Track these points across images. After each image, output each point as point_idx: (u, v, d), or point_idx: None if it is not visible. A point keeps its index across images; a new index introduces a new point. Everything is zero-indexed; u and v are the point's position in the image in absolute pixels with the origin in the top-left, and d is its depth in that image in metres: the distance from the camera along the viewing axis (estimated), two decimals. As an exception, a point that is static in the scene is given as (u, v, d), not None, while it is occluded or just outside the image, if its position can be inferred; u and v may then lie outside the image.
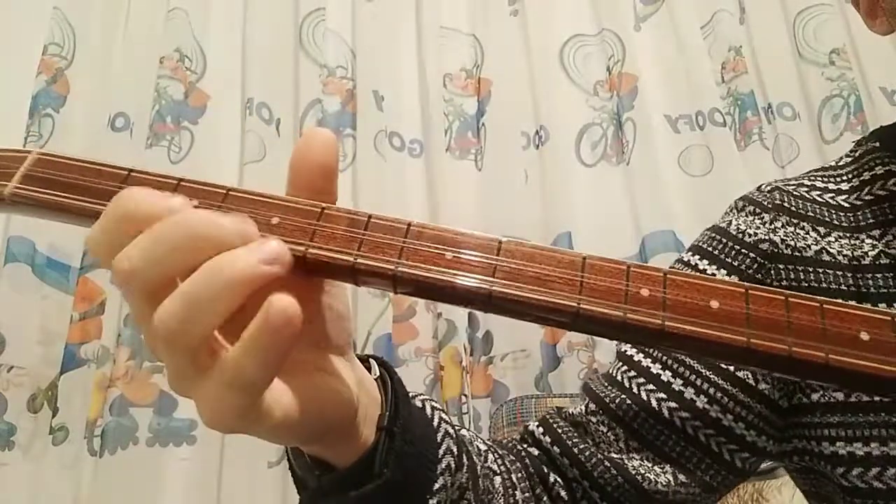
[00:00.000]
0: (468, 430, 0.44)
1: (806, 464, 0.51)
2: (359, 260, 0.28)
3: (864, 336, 0.26)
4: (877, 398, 0.46)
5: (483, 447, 0.45)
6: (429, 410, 0.38)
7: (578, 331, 0.29)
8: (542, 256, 0.28)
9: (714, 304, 0.27)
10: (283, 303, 0.25)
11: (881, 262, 0.49)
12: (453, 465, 0.38)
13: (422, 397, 0.39)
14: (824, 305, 0.27)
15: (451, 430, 0.39)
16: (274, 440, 0.30)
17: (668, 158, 1.36)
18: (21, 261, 1.16)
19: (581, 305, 0.27)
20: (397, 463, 0.34)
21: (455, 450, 0.38)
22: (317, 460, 0.34)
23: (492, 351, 1.26)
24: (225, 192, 0.30)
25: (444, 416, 0.39)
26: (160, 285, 0.26)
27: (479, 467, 0.41)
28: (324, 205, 0.30)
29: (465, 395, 1.18)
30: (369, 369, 0.36)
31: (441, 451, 0.37)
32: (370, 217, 0.29)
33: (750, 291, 0.27)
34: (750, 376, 0.50)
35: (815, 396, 0.49)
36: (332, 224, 0.29)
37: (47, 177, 0.31)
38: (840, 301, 0.27)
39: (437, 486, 0.36)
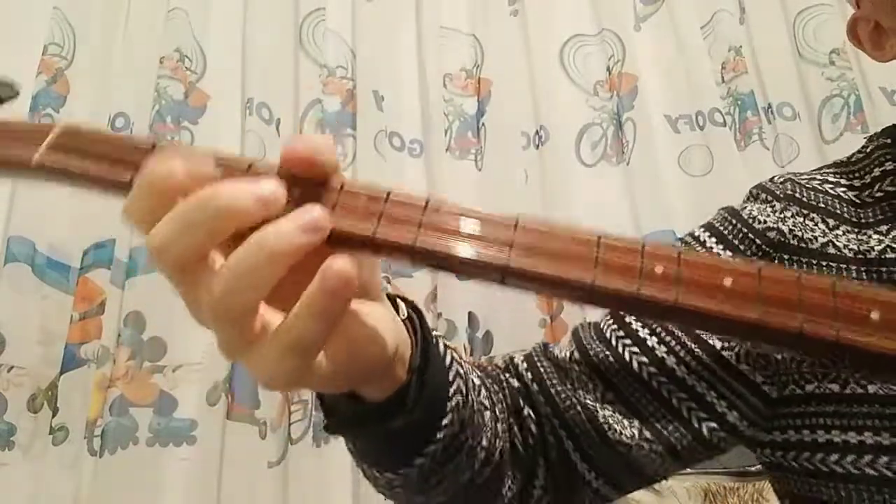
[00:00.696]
0: (467, 362, 0.47)
1: (776, 459, 0.53)
2: (378, 232, 0.29)
3: (875, 316, 0.26)
4: (871, 389, 0.48)
5: (477, 381, 0.47)
6: (441, 348, 0.41)
7: (593, 304, 0.29)
8: (558, 233, 0.29)
9: (727, 281, 0.27)
10: (339, 264, 0.26)
11: (887, 255, 0.50)
12: (461, 403, 0.40)
13: (435, 333, 0.41)
14: (836, 285, 0.27)
15: (461, 369, 0.42)
16: (319, 389, 0.32)
17: (668, 158, 1.36)
18: (21, 261, 1.16)
19: (596, 281, 0.28)
20: (423, 401, 0.36)
21: (463, 388, 0.41)
22: (348, 395, 0.36)
23: (492, 351, 1.26)
24: (248, 165, 0.30)
25: (454, 354, 0.42)
26: (193, 260, 0.27)
27: (475, 403, 0.43)
28: (343, 180, 0.30)
29: (465, 395, 1.18)
30: (397, 309, 0.38)
31: (452, 390, 0.40)
32: (389, 193, 0.30)
33: (762, 271, 0.28)
34: (732, 356, 0.52)
35: (809, 388, 0.50)
36: (351, 199, 0.30)
37: (73, 146, 0.32)
38: (851, 281, 0.27)
39: (445, 421, 0.39)
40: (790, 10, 1.46)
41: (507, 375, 0.55)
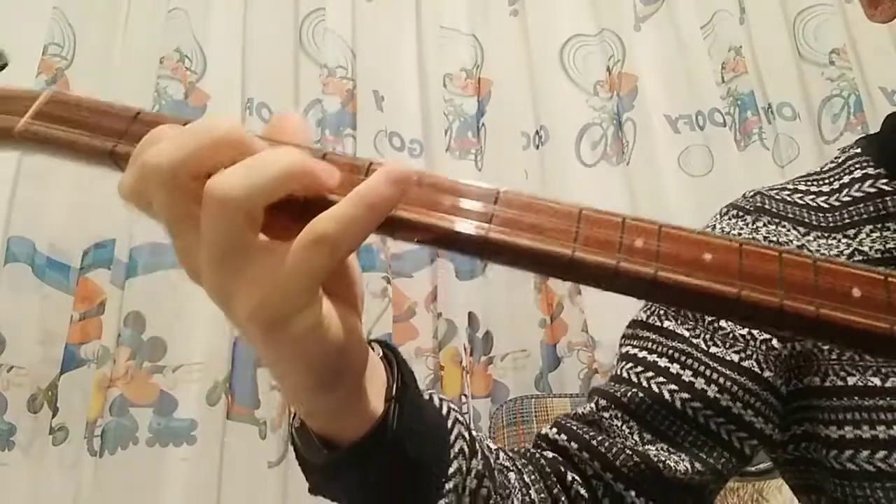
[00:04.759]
0: (478, 431, 0.44)
1: (801, 453, 0.52)
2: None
3: (856, 292, 0.26)
4: (850, 382, 0.48)
5: (493, 446, 0.45)
6: (437, 401, 0.38)
7: (572, 279, 0.29)
8: (539, 206, 0.29)
9: (707, 256, 0.27)
10: (402, 164, 0.27)
11: (855, 259, 0.51)
12: (467, 450, 0.37)
13: (429, 391, 0.39)
14: (817, 262, 0.27)
15: (462, 419, 0.39)
16: (303, 362, 0.29)
17: (668, 158, 1.36)
18: (21, 261, 1.16)
19: (575, 253, 0.27)
20: (408, 439, 0.33)
21: (467, 437, 0.38)
22: (323, 440, 0.33)
23: (492, 351, 1.26)
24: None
25: (453, 406, 0.39)
26: (191, 175, 0.27)
27: (492, 459, 0.41)
28: (326, 150, 0.30)
29: (465, 395, 1.18)
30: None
31: (453, 436, 0.37)
32: (370, 164, 0.29)
33: (744, 246, 0.27)
34: (755, 365, 0.51)
35: (816, 381, 0.50)
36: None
37: (59, 115, 0.31)
38: (833, 258, 0.27)
39: (451, 469, 0.35)
40: (790, 10, 1.46)
41: (539, 450, 0.52)
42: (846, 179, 0.57)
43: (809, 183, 0.59)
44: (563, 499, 0.47)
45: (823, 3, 1.42)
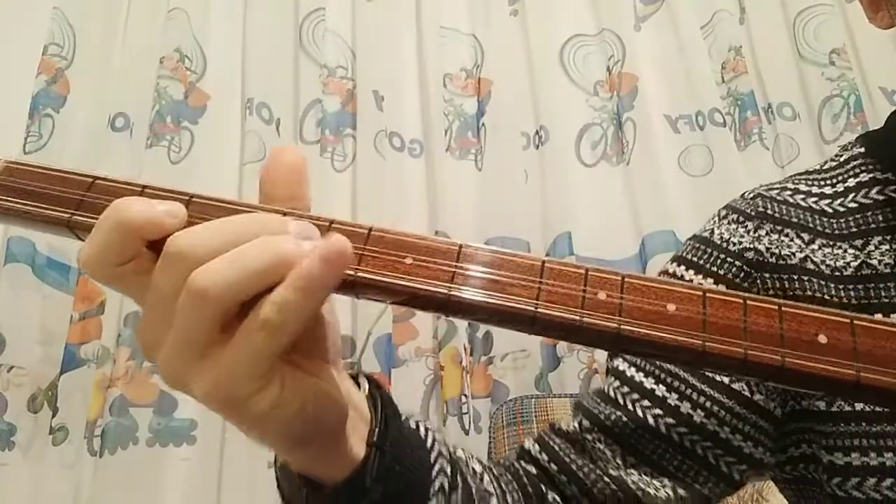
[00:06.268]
0: (464, 450, 0.44)
1: (799, 472, 0.51)
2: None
3: (822, 339, 0.26)
4: (857, 407, 0.46)
5: (479, 468, 0.44)
6: (422, 431, 0.38)
7: (537, 334, 0.29)
8: (501, 261, 0.29)
9: (671, 307, 0.27)
10: (339, 236, 0.26)
11: (862, 272, 0.49)
12: (447, 486, 0.37)
13: (415, 418, 0.38)
14: (783, 308, 0.26)
15: (445, 451, 0.38)
16: (268, 433, 0.29)
17: (668, 158, 1.36)
18: (21, 261, 1.16)
19: (538, 310, 0.27)
20: (388, 481, 0.33)
21: (449, 471, 0.38)
22: (305, 479, 0.33)
23: (492, 351, 1.26)
24: (188, 198, 0.30)
25: (437, 436, 0.39)
26: (115, 272, 0.28)
27: (474, 489, 0.41)
28: (294, 210, 0.30)
29: (465, 395, 1.18)
30: (359, 386, 0.35)
31: (434, 472, 0.36)
32: (331, 223, 0.29)
33: (707, 295, 0.27)
34: (745, 388, 0.49)
35: (804, 403, 0.49)
36: None
37: (14, 185, 0.31)
38: (799, 304, 0.27)
39: None
40: (790, 10, 1.46)
41: (523, 463, 0.51)
42: (852, 183, 0.54)
43: (811, 183, 0.56)
44: None
45: (823, 3, 1.42)
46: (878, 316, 0.27)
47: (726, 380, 0.50)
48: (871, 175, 0.54)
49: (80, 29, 1.30)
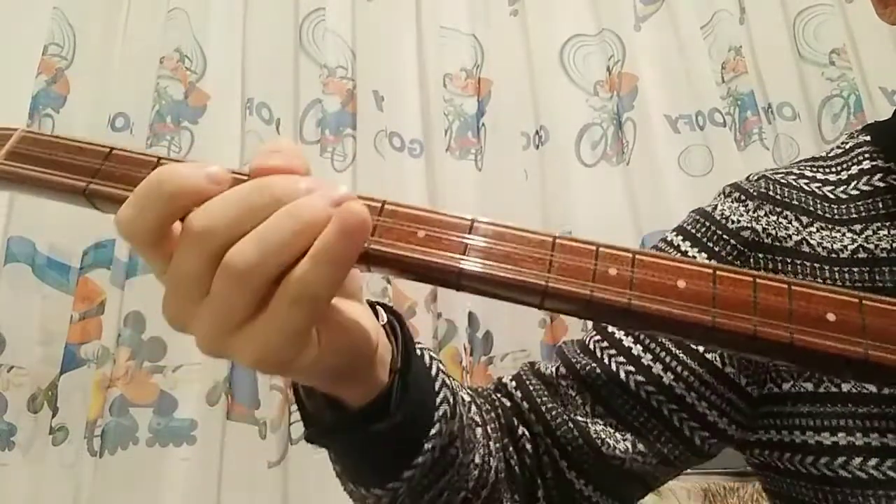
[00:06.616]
0: (454, 379, 0.46)
1: (765, 459, 0.52)
2: None
3: (831, 317, 0.26)
4: (844, 388, 0.47)
5: (467, 398, 0.47)
6: (427, 359, 0.40)
7: (547, 309, 0.29)
8: (512, 236, 0.29)
9: (681, 283, 0.27)
10: (356, 206, 0.27)
11: (859, 255, 0.50)
12: (448, 413, 0.39)
13: (420, 346, 0.40)
14: (792, 286, 0.27)
15: (448, 381, 0.41)
16: (306, 376, 0.32)
17: (668, 158, 1.36)
18: (21, 261, 1.16)
19: (549, 283, 0.27)
20: (406, 405, 0.36)
21: (450, 399, 0.40)
22: (328, 398, 0.35)
23: (492, 351, 1.26)
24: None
25: (440, 365, 0.41)
26: (155, 237, 0.28)
27: (465, 417, 0.43)
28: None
29: (465, 395, 1.18)
30: (377, 315, 0.37)
31: (439, 399, 0.39)
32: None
33: (717, 272, 0.27)
34: (717, 359, 0.51)
35: (786, 386, 0.50)
36: None
37: (32, 154, 0.31)
38: (808, 282, 0.27)
39: (433, 431, 0.38)
40: (790, 10, 1.46)
41: (499, 395, 0.54)
42: (854, 170, 0.55)
43: (815, 169, 0.57)
44: (510, 448, 0.50)
45: (823, 3, 1.42)
46: None
47: (700, 349, 0.51)
48: (874, 163, 0.54)
49: (80, 29, 1.30)
